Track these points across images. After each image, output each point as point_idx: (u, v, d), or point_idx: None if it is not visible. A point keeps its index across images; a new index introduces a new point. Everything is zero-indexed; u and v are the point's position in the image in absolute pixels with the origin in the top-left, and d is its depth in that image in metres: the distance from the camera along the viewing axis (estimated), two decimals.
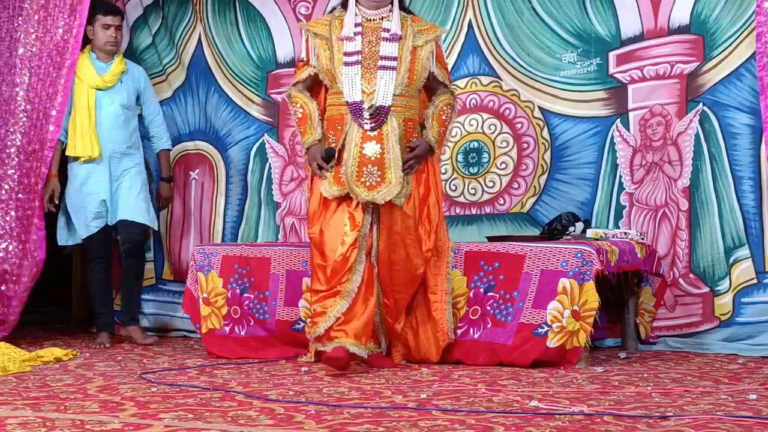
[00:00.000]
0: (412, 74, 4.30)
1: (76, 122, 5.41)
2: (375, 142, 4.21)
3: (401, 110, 4.28)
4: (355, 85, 4.24)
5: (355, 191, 4.22)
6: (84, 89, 5.45)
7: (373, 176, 4.21)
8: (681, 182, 5.05)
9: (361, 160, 4.21)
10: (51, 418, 3.00)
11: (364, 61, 4.26)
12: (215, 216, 6.15)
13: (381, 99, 4.22)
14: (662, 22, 5.16)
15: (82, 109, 5.42)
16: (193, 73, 6.22)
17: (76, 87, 5.43)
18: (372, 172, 4.21)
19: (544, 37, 5.42)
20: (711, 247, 4.96)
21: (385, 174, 4.21)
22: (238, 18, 6.12)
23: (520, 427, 2.83)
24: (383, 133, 4.22)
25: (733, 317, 4.85)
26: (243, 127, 6.09)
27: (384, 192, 4.21)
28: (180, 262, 6.15)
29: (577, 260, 4.29)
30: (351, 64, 4.27)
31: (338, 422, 2.94)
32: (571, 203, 5.29)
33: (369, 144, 4.21)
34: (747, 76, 4.89)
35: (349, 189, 4.22)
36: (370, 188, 4.21)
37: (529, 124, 5.45)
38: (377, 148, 4.21)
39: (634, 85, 5.22)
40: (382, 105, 4.22)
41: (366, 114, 4.22)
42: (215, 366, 4.44)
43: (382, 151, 4.21)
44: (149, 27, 6.29)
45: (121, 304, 5.71)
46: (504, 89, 5.48)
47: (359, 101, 4.23)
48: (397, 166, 4.21)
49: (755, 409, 3.10)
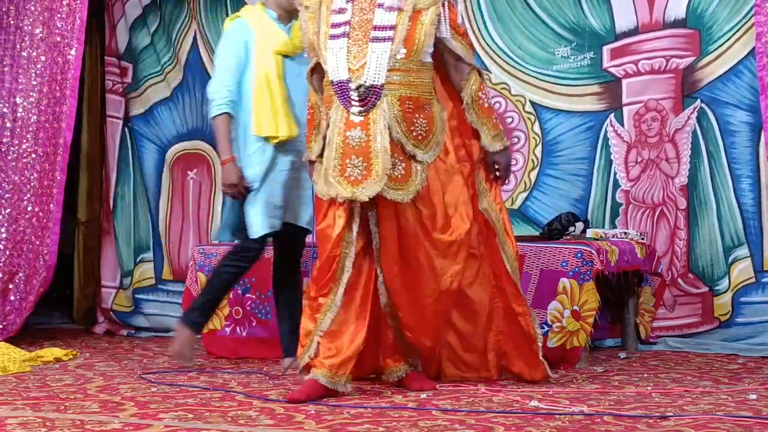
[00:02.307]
0: (411, 42, 3.51)
1: (263, 95, 4.19)
2: (360, 128, 3.48)
3: (396, 87, 3.50)
4: (340, 61, 3.52)
5: (336, 188, 3.50)
6: (267, 54, 4.23)
7: (357, 169, 3.47)
8: (678, 180, 5.04)
9: (345, 150, 3.49)
10: (51, 418, 3.00)
11: (353, 32, 3.52)
12: (213, 216, 6.15)
13: (372, 77, 3.47)
14: (657, 15, 5.13)
15: (271, 79, 4.22)
16: (189, 72, 6.22)
17: (257, 51, 4.24)
18: (356, 165, 3.47)
19: (536, 31, 5.41)
20: (710, 246, 4.96)
21: (372, 165, 3.46)
22: (229, 14, 6.12)
23: (520, 427, 2.84)
24: (370, 117, 3.48)
25: (733, 318, 4.85)
26: None
27: (368, 187, 3.46)
28: (179, 262, 6.15)
29: (577, 260, 4.29)
30: (336, 36, 3.54)
31: (338, 422, 2.94)
32: (564, 200, 5.26)
33: (353, 131, 3.48)
34: (745, 73, 4.88)
35: (330, 185, 3.52)
36: (354, 183, 3.47)
37: (520, 118, 5.44)
38: (362, 134, 3.48)
39: (629, 80, 5.19)
40: (373, 84, 3.48)
41: (354, 95, 3.49)
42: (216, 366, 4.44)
43: (368, 138, 3.47)
44: (148, 27, 6.30)
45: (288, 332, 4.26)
46: (494, 82, 5.47)
47: (345, 80, 3.50)
48: (385, 156, 3.45)
49: (755, 409, 3.10)
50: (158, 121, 6.35)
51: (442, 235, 3.56)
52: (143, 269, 6.35)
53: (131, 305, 6.29)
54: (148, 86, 6.38)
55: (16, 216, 5.35)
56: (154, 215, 6.31)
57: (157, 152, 6.36)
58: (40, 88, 5.41)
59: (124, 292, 6.35)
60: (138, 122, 6.40)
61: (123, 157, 6.48)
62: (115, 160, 6.48)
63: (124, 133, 6.49)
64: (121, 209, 6.46)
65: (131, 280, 6.34)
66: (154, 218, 6.32)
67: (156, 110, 6.36)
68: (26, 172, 5.36)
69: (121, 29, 6.44)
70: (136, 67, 6.41)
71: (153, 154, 6.33)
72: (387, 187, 3.46)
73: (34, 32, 5.43)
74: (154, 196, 6.32)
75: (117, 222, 6.45)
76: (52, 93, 5.42)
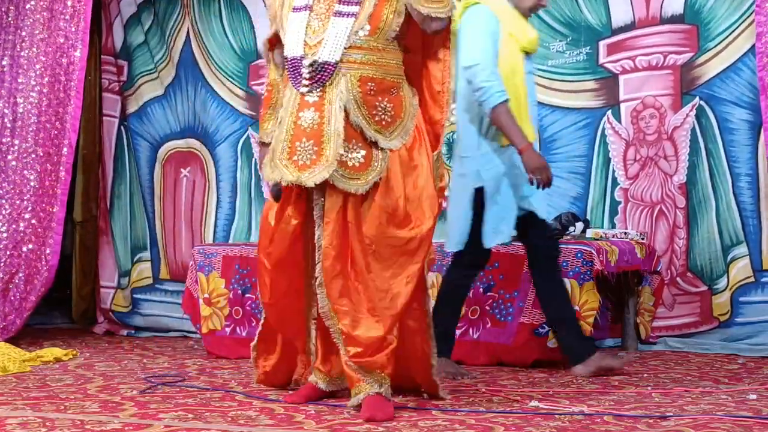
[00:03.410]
0: (376, 19, 3.17)
1: (509, 92, 3.79)
2: (314, 110, 3.14)
3: (357, 67, 3.16)
4: (298, 36, 3.20)
5: (281, 171, 3.17)
6: (515, 49, 3.90)
7: (307, 152, 3.12)
8: (677, 178, 5.04)
9: (295, 132, 3.15)
10: (51, 418, 3.00)
11: (317, 5, 3.21)
12: (207, 214, 6.14)
13: (327, 53, 3.14)
14: (654, 10, 5.11)
15: (516, 75, 3.88)
16: (182, 69, 6.22)
17: (505, 43, 3.87)
18: (306, 148, 3.13)
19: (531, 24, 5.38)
20: (709, 245, 4.95)
21: (323, 150, 3.11)
22: (222, 9, 6.11)
23: (520, 427, 2.84)
24: (326, 97, 3.15)
25: (732, 317, 4.85)
26: (229, 122, 6.08)
27: (317, 172, 3.11)
28: (175, 262, 6.14)
29: (577, 260, 4.29)
30: (299, 9, 3.24)
31: (338, 422, 2.94)
32: (562, 198, 5.23)
33: (306, 112, 3.15)
34: (745, 71, 4.87)
35: (276, 168, 3.20)
36: (302, 168, 3.13)
37: None
38: (315, 116, 3.13)
39: (626, 76, 5.17)
40: (327, 61, 3.14)
41: (305, 72, 3.16)
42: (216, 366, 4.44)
43: (321, 120, 3.13)
44: (142, 25, 6.29)
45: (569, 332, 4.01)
46: None
47: (299, 56, 3.18)
48: (338, 140, 3.11)
49: (755, 409, 3.10)
50: (151, 118, 6.35)
51: (400, 230, 3.16)
52: (141, 269, 6.34)
53: (129, 305, 6.29)
54: (141, 84, 6.38)
55: (16, 216, 5.34)
56: (151, 214, 6.31)
57: (150, 150, 6.35)
58: (40, 88, 5.40)
59: (122, 292, 6.35)
60: (132, 120, 6.39)
61: (119, 155, 6.48)
62: (112, 159, 6.48)
63: (120, 131, 6.49)
64: (117, 208, 6.45)
65: (129, 280, 6.33)
66: (150, 217, 6.31)
67: (149, 108, 6.36)
68: (26, 173, 5.36)
69: (116, 28, 6.44)
70: (130, 64, 6.41)
71: (147, 152, 6.33)
72: (339, 175, 3.11)
73: (33, 32, 5.42)
74: (149, 194, 6.32)
75: (114, 221, 6.44)
76: (54, 94, 5.41)
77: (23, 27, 5.44)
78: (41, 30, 5.42)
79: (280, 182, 3.20)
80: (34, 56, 5.42)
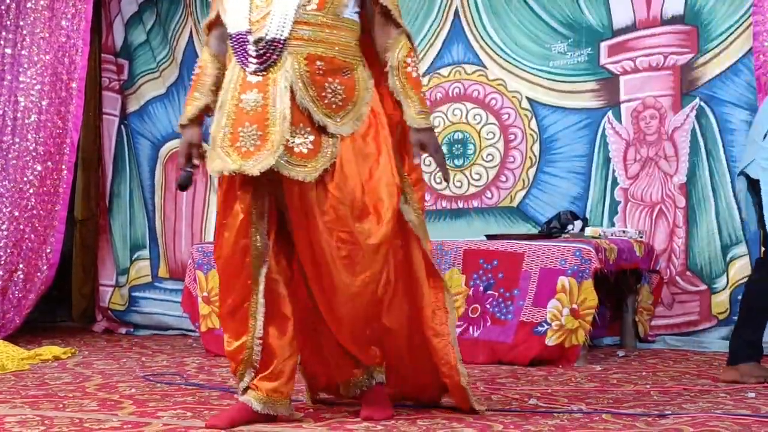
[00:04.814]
0: None
1: None
2: (257, 91, 2.87)
3: (304, 44, 2.88)
4: (242, 11, 2.94)
5: (223, 160, 2.89)
6: None
7: (250, 138, 2.85)
8: (677, 178, 5.04)
9: (238, 116, 2.88)
10: (49, 416, 3.00)
11: None
12: (207, 213, 6.14)
13: (274, 29, 2.87)
14: (655, 11, 5.13)
15: None
16: (185, 68, 6.22)
17: None
18: (250, 133, 2.86)
19: (533, 26, 5.41)
20: (708, 244, 4.96)
21: (268, 135, 2.84)
22: None
23: (519, 425, 2.83)
24: (270, 77, 2.87)
25: (731, 316, 4.84)
26: None
27: (261, 159, 2.83)
28: (175, 260, 6.15)
29: (576, 258, 4.29)
30: None
31: (337, 421, 2.94)
32: (563, 198, 5.27)
33: (249, 93, 2.88)
34: (744, 72, 4.88)
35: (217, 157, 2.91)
36: (246, 156, 2.85)
37: (517, 114, 5.44)
38: (258, 98, 2.86)
39: (626, 77, 5.19)
40: (274, 37, 2.87)
41: (251, 50, 2.89)
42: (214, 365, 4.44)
43: (265, 103, 2.85)
44: (143, 24, 6.29)
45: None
46: (490, 78, 5.46)
47: (244, 32, 2.92)
48: (284, 123, 2.83)
49: (753, 408, 3.10)
50: (152, 117, 6.36)
51: (359, 223, 2.87)
52: (139, 267, 6.35)
53: (125, 303, 6.29)
54: (142, 83, 6.38)
55: (16, 214, 5.34)
56: (151, 213, 6.31)
57: (151, 149, 6.36)
58: (41, 87, 5.41)
59: (119, 290, 6.35)
60: (133, 119, 6.39)
61: (119, 154, 6.49)
62: (112, 158, 6.48)
63: (120, 130, 6.49)
64: (117, 207, 6.46)
65: (127, 278, 6.34)
66: (150, 216, 6.32)
67: (150, 107, 6.37)
68: (27, 171, 5.36)
69: (117, 26, 6.45)
70: (131, 63, 6.41)
71: (148, 151, 6.33)
72: (286, 162, 2.82)
73: (34, 31, 5.43)
74: (149, 193, 6.32)
75: (113, 220, 6.45)
76: (56, 93, 5.41)
77: (24, 25, 5.44)
78: (42, 29, 5.42)
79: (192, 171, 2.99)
80: (35, 55, 5.42)
